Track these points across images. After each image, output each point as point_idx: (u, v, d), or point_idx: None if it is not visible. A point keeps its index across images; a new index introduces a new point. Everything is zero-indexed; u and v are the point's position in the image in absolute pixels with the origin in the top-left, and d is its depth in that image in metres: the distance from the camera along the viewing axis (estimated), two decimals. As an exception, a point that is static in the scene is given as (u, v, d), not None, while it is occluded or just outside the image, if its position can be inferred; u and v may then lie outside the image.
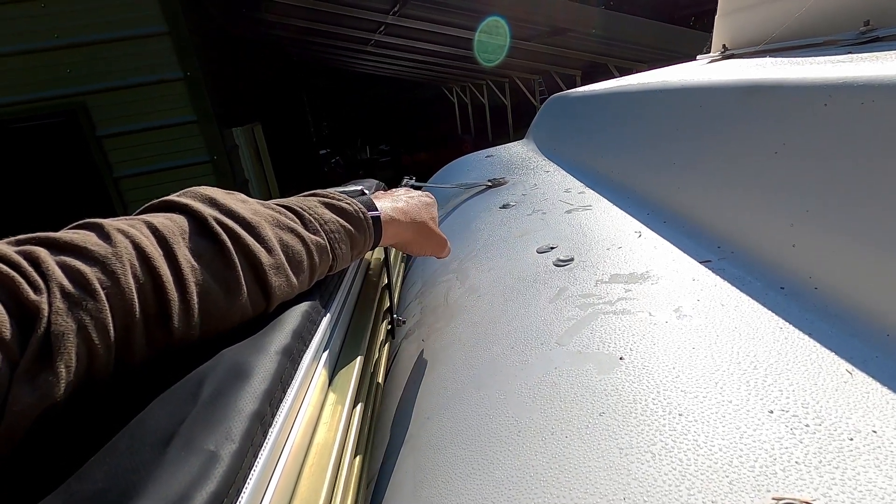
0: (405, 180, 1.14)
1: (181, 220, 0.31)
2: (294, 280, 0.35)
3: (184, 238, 0.30)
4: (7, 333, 0.22)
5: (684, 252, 0.54)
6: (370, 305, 0.55)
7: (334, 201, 0.42)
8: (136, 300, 0.26)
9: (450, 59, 6.85)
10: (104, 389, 0.26)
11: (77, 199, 2.79)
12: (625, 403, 0.35)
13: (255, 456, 0.25)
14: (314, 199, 0.41)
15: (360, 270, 0.60)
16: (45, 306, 0.23)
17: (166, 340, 0.28)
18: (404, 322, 0.70)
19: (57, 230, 0.28)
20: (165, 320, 0.27)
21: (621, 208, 0.72)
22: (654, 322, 0.43)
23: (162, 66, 2.76)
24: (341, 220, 0.41)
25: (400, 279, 0.90)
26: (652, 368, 0.37)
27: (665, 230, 0.61)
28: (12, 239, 0.26)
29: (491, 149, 1.55)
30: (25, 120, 2.69)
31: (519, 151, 1.36)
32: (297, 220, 0.37)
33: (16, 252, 0.25)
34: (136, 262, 0.27)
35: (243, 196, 0.37)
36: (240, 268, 0.31)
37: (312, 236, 0.37)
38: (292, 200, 0.40)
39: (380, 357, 0.60)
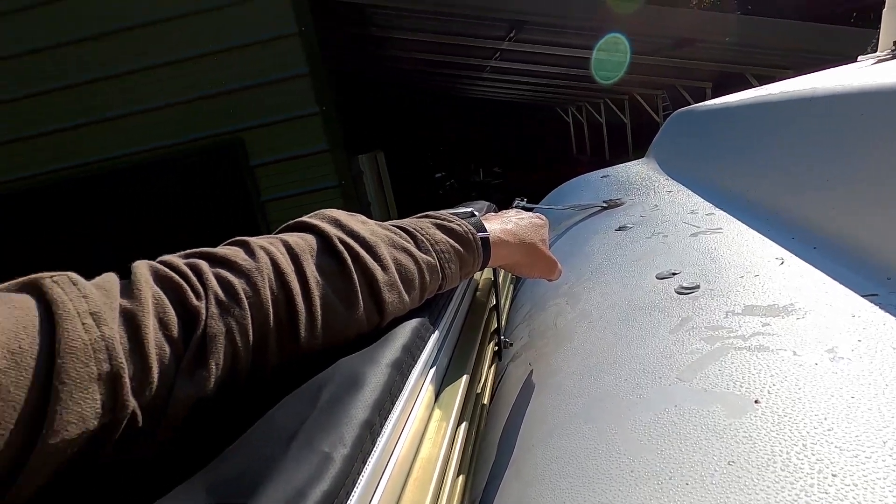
0: (516, 202, 1.14)
1: (311, 239, 0.34)
2: (406, 297, 0.37)
3: (312, 255, 0.33)
4: (175, 333, 0.26)
5: (841, 283, 0.46)
6: (478, 325, 0.56)
7: (445, 222, 0.43)
8: (272, 310, 0.30)
9: (565, 80, 6.77)
10: (242, 389, 0.30)
11: (232, 218, 3.23)
12: (760, 454, 0.30)
13: (364, 462, 0.26)
14: (427, 220, 0.43)
15: (468, 290, 0.61)
16: (203, 311, 0.27)
17: (293, 348, 0.31)
18: (511, 344, 0.69)
19: (216, 245, 0.33)
20: (294, 329, 0.31)
21: (759, 232, 0.65)
22: (800, 363, 0.37)
23: (302, 104, 3.13)
24: (451, 241, 0.42)
25: (509, 301, 0.89)
26: (796, 417, 0.32)
27: (815, 257, 0.53)
28: (182, 252, 0.32)
29: (607, 168, 1.49)
30: (198, 154, 3.21)
31: (638, 170, 1.29)
32: (411, 240, 0.39)
33: (184, 264, 0.29)
34: (272, 276, 0.30)
35: (363, 217, 0.40)
36: (358, 284, 0.34)
37: (424, 256, 0.39)
38: (406, 221, 0.42)
39: (486, 378, 0.59)
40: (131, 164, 3.20)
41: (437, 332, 0.42)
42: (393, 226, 0.41)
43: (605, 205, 1.06)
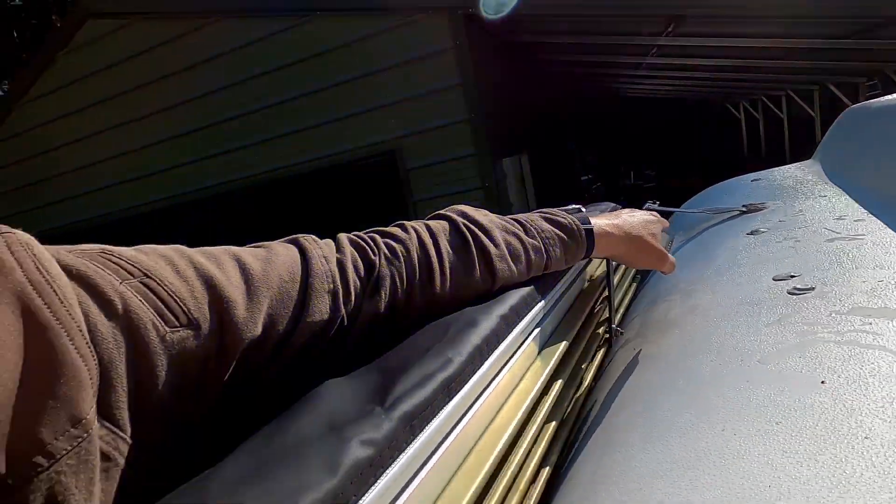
0: (647, 204, 1.15)
1: (445, 224, 0.48)
2: (514, 269, 0.49)
3: (445, 234, 0.47)
4: (362, 273, 0.42)
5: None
6: (583, 309, 0.64)
7: (552, 216, 0.54)
8: (417, 266, 0.44)
9: (736, 72, 6.08)
10: (400, 317, 0.44)
11: (389, 215, 3.64)
12: (806, 419, 0.35)
13: (472, 374, 0.38)
14: (538, 214, 0.54)
15: (579, 279, 0.69)
16: (377, 262, 0.42)
17: (431, 294, 0.45)
18: (622, 333, 0.76)
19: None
20: (431, 281, 0.44)
21: (905, 239, 0.61)
22: (884, 358, 0.39)
23: (453, 112, 3.40)
24: (556, 230, 0.52)
25: (628, 296, 0.94)
26: (854, 396, 0.36)
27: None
28: (368, 230, 0.48)
29: (761, 171, 1.40)
30: (363, 160, 3.69)
31: (794, 174, 1.20)
32: (521, 228, 0.51)
33: (367, 235, 0.45)
34: (418, 245, 0.45)
35: (486, 211, 0.52)
36: (475, 255, 0.46)
37: (530, 240, 0.50)
38: (521, 216, 0.54)
39: (593, 360, 0.67)
40: (313, 168, 3.82)
41: (542, 301, 0.53)
42: (510, 218, 0.53)
43: (743, 209, 1.02)
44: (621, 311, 0.87)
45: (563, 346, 0.53)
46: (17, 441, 0.23)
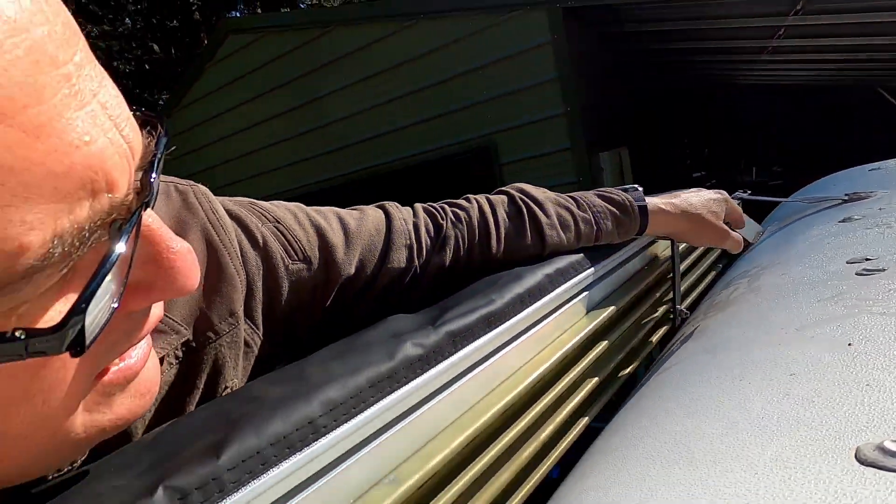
0: (737, 193, 1.12)
1: (504, 197, 0.57)
2: (563, 237, 0.55)
3: (502, 205, 0.55)
4: (432, 233, 0.52)
5: None
6: (640, 285, 0.68)
7: (607, 193, 0.59)
8: (477, 229, 0.53)
9: (888, 52, 5.26)
10: (461, 274, 0.53)
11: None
12: (819, 369, 0.38)
13: (511, 315, 0.46)
14: (593, 192, 0.60)
15: (639, 256, 0.73)
16: (444, 224, 0.52)
17: (488, 254, 0.53)
18: (687, 314, 0.77)
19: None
20: (488, 244, 0.53)
21: None
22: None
23: (549, 107, 3.40)
24: (608, 205, 0.58)
25: (705, 281, 0.93)
26: (876, 356, 0.37)
27: None
28: (442, 201, 0.58)
29: (885, 161, 1.27)
30: (457, 156, 3.83)
31: (924, 162, 1.08)
32: (573, 203, 0.57)
33: (438, 204, 0.55)
34: (478, 213, 0.54)
35: (545, 189, 0.59)
36: (528, 223, 0.54)
37: (581, 213, 0.56)
38: (577, 193, 0.60)
39: (650, 335, 0.71)
40: (415, 162, 4.04)
41: (592, 269, 0.58)
42: (567, 195, 0.59)
43: (845, 198, 0.96)
44: (693, 294, 0.87)
45: (609, 311, 0.58)
46: (199, 320, 0.36)
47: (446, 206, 0.55)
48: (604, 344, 0.57)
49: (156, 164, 0.22)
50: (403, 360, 0.36)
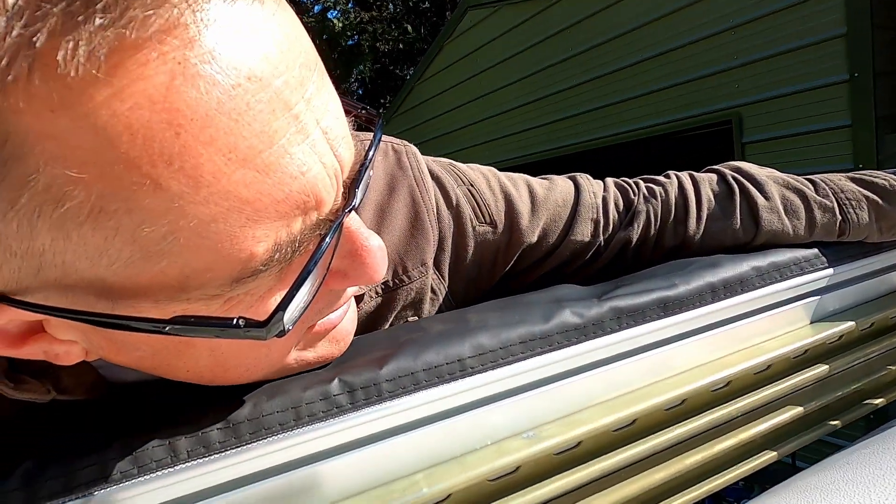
0: None
1: (713, 175, 0.50)
2: (787, 224, 0.45)
3: (710, 183, 0.49)
4: (621, 207, 0.49)
5: None
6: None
7: (864, 176, 0.46)
8: (672, 207, 0.47)
9: None
10: (650, 253, 0.49)
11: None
12: None
13: (695, 304, 0.41)
14: (844, 174, 0.47)
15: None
16: (634, 200, 0.48)
17: (683, 232, 0.47)
18: None
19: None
20: (685, 223, 0.47)
21: None
22: None
23: (824, 72, 2.70)
24: (864, 191, 0.45)
25: None
26: None
27: None
28: (639, 177, 0.54)
29: None
30: (690, 130, 3.38)
31: None
32: (810, 186, 0.46)
33: (632, 180, 0.51)
34: (677, 189, 0.48)
35: (771, 170, 0.50)
36: (738, 203, 0.46)
37: (819, 198, 0.45)
38: (822, 175, 0.48)
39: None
40: (644, 136, 3.71)
41: (830, 270, 0.47)
42: (805, 177, 0.48)
43: None
44: None
45: (845, 327, 0.46)
46: (397, 264, 0.42)
47: (640, 182, 0.51)
48: (823, 368, 0.46)
49: (365, 168, 0.26)
50: (559, 326, 0.36)
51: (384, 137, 0.45)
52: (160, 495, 0.26)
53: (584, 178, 0.51)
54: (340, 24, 11.05)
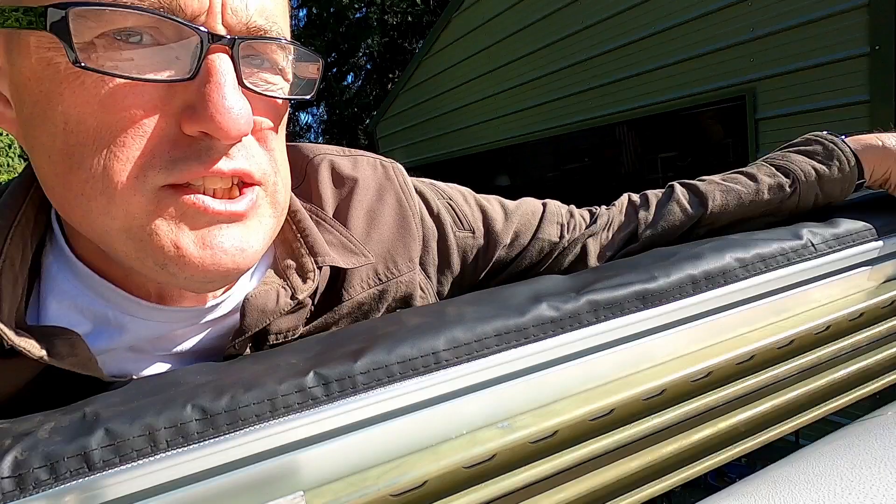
0: None
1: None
2: (732, 187, 0.54)
3: (655, 195, 0.57)
4: (586, 217, 0.55)
5: None
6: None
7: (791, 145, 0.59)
8: (625, 204, 0.54)
9: None
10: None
11: (724, 169, 3.23)
12: None
13: (676, 297, 0.41)
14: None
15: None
16: (596, 209, 0.55)
17: (635, 224, 0.53)
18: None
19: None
20: (636, 212, 0.54)
21: None
22: None
23: (843, 45, 2.60)
24: (786, 150, 0.58)
25: None
26: None
27: None
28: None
29: None
30: (702, 106, 3.29)
31: None
32: (739, 171, 0.57)
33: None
34: (627, 197, 0.57)
35: None
36: (679, 188, 0.56)
37: (754, 170, 0.56)
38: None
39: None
40: (661, 111, 3.62)
41: (817, 260, 0.47)
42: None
43: None
44: None
45: (834, 317, 0.46)
46: (387, 259, 0.45)
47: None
48: (810, 358, 0.46)
49: (273, 40, 0.32)
50: (535, 318, 0.36)
51: (374, 155, 0.50)
52: (141, 483, 0.27)
53: (552, 202, 0.57)
54: (348, -3, 10.84)
